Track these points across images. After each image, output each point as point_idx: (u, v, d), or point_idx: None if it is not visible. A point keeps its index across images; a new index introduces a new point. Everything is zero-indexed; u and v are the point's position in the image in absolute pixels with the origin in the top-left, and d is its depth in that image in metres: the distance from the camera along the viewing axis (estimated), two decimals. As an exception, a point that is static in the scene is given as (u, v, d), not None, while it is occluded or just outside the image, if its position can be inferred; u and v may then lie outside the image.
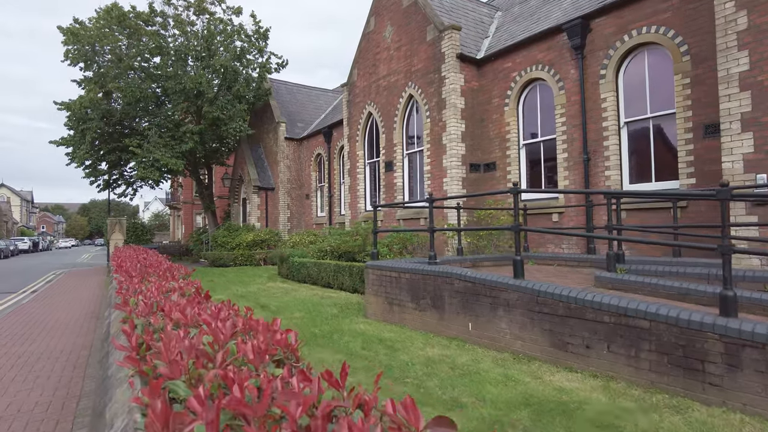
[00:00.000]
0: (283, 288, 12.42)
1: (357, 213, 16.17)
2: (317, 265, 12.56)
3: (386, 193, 14.70)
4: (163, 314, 3.01)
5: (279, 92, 24.31)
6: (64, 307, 10.86)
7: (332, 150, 20.17)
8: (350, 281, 11.04)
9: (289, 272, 14.19)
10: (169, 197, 45.29)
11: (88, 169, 21.10)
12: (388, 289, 7.61)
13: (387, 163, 14.71)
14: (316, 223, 21.48)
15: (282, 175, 22.42)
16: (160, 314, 3.01)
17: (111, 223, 20.33)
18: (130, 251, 12.97)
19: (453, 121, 12.40)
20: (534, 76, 11.62)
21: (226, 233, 21.06)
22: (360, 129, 16.16)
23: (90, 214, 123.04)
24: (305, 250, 14.59)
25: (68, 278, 18.61)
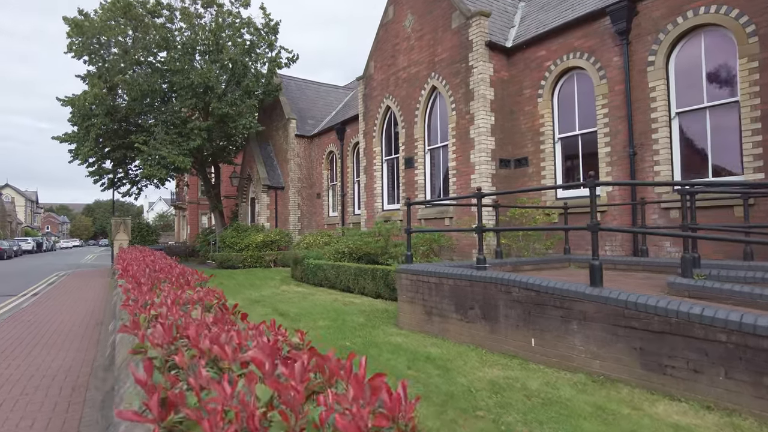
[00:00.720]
0: (299, 292, 11.59)
1: (374, 212, 15.33)
2: (335, 267, 11.73)
3: (406, 191, 13.86)
4: (188, 343, 2.18)
5: (288, 88, 23.50)
6: (65, 312, 10.06)
7: (345, 147, 19.34)
8: (373, 285, 10.20)
9: (304, 275, 13.36)
10: (174, 197, 44.59)
11: (92, 167, 20.34)
12: (427, 296, 6.76)
13: (407, 160, 13.86)
14: (327, 223, 20.65)
15: (292, 173, 21.61)
16: (183, 344, 2.17)
17: (115, 224, 19.55)
18: (135, 253, 12.18)
19: (482, 114, 11.55)
20: (571, 65, 10.76)
21: (235, 234, 20.26)
22: (377, 124, 15.32)
23: (94, 215, 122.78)
24: (320, 252, 13.76)
25: (71, 280, 17.84)
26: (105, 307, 10.63)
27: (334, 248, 12.86)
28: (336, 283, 11.71)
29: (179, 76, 19.10)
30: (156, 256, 9.72)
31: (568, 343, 4.89)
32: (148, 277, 5.14)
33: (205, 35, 19.75)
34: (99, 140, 19.41)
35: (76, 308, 10.58)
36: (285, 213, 21.95)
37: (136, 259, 8.51)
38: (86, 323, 8.76)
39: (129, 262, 7.59)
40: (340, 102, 24.79)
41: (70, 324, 8.70)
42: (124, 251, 13.67)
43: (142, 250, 13.53)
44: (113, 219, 19.94)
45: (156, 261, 8.13)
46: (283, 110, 22.28)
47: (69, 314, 9.78)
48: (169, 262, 8.11)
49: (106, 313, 9.46)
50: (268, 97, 21.60)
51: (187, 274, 5.45)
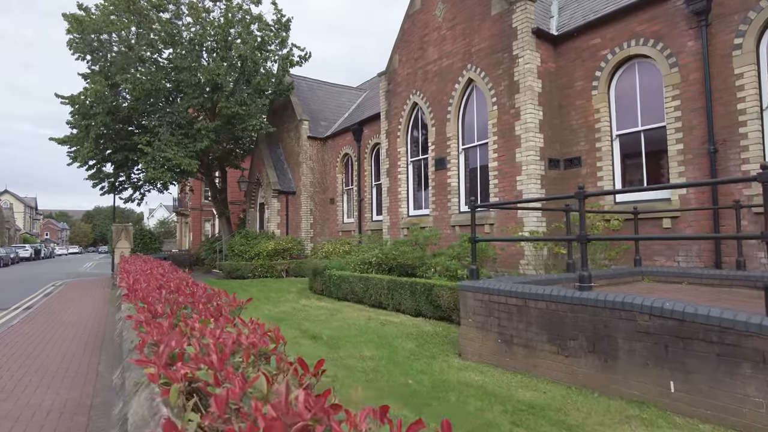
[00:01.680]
0: (323, 308, 10.29)
1: (398, 219, 14.07)
2: (363, 280, 10.44)
3: (437, 195, 12.60)
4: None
5: (299, 89, 22.31)
6: (60, 330, 8.75)
7: (362, 149, 18.11)
8: (412, 302, 8.90)
9: (325, 287, 12.07)
10: (177, 203, 43.34)
11: (92, 170, 19.10)
12: (505, 321, 5.48)
13: (438, 161, 12.62)
14: (342, 230, 19.38)
15: (304, 177, 20.36)
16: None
17: (116, 230, 18.28)
18: (139, 263, 10.91)
19: (530, 107, 10.32)
20: (632, 53, 9.53)
21: (244, 241, 18.97)
22: (402, 122, 14.09)
23: (94, 221, 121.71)
24: (342, 262, 12.47)
25: (69, 291, 16.53)
26: (105, 325, 9.33)
27: (359, 258, 11.58)
28: (364, 298, 10.42)
29: (186, 74, 17.91)
30: (165, 267, 8.44)
31: (733, 392, 3.61)
32: (164, 301, 3.87)
33: (214, 30, 18.56)
34: (99, 141, 18.16)
35: (72, 327, 9.27)
36: (296, 219, 20.68)
37: (142, 273, 7.23)
38: (83, 347, 7.46)
39: (135, 278, 6.31)
40: (353, 103, 23.60)
41: (64, 347, 7.40)
42: (127, 261, 12.39)
43: (146, 260, 12.27)
44: (114, 225, 18.65)
45: (167, 275, 6.86)
46: (295, 111, 21.08)
47: (64, 333, 8.47)
48: (182, 275, 6.85)
49: (106, 337, 8.16)
50: (279, 97, 20.40)
51: (215, 297, 4.19)
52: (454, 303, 7.98)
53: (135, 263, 10.76)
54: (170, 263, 9.41)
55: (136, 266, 9.34)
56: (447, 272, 9.08)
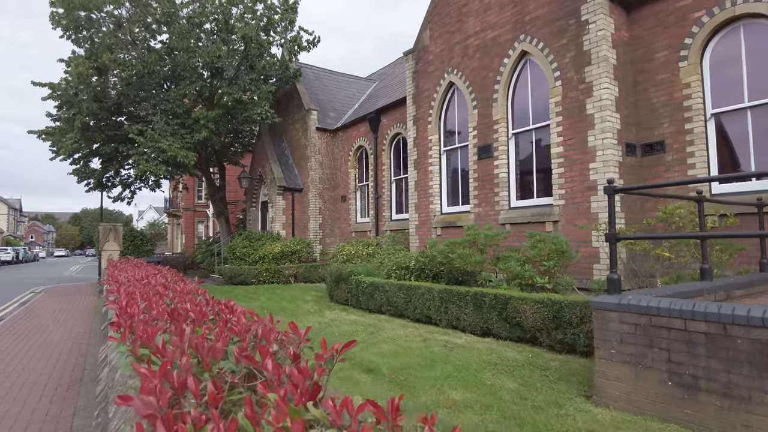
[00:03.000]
0: (357, 323, 8.46)
1: (429, 216, 12.27)
2: (405, 289, 8.62)
3: (480, 188, 10.83)
4: None
5: (305, 78, 20.45)
6: (27, 359, 6.84)
7: (380, 140, 16.30)
8: (476, 318, 7.10)
9: (351, 296, 10.24)
10: (168, 204, 41.21)
11: (77, 164, 17.11)
12: (680, 355, 3.70)
13: (481, 148, 10.85)
14: (355, 230, 17.53)
15: (313, 173, 18.51)
16: None
17: (104, 231, 16.25)
18: (131, 268, 9.01)
19: (605, 81, 8.58)
20: (739, 13, 7.83)
21: (247, 243, 17.06)
22: (434, 106, 12.31)
23: (81, 224, 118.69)
24: (369, 266, 10.65)
25: (48, 300, 14.53)
26: (87, 350, 7.42)
27: (393, 262, 9.78)
28: (405, 310, 8.60)
29: (183, 56, 16.01)
30: (165, 274, 6.57)
31: None
32: (184, 349, 2.03)
33: (214, 8, 16.67)
34: (85, 132, 16.13)
35: (44, 354, 7.35)
36: (303, 219, 18.81)
37: (137, 283, 5.36)
38: (54, 388, 5.56)
39: (128, 291, 4.44)
40: (363, 93, 21.82)
41: (33, 383, 5.50)
42: (116, 266, 10.46)
43: (138, 265, 10.36)
44: (101, 225, 16.64)
45: (171, 286, 5.01)
46: (302, 101, 19.23)
47: (34, 361, 6.56)
48: (191, 287, 5.01)
49: (87, 369, 6.26)
50: (285, 84, 18.54)
51: (272, 333, 2.36)
52: (541, 321, 6.19)
53: (126, 269, 8.86)
54: (169, 269, 7.53)
55: (128, 273, 7.46)
56: (517, 280, 7.29)
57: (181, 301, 3.78)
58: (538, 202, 9.75)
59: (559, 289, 7.21)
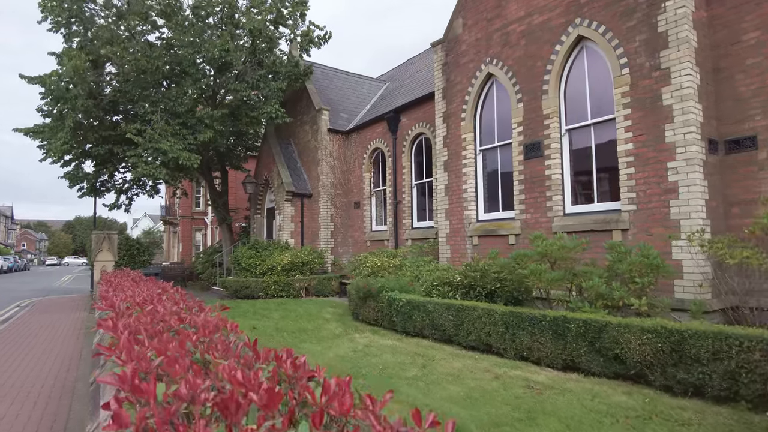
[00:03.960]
0: (397, 350, 7.12)
1: (463, 224, 10.97)
2: (454, 310, 7.30)
3: (527, 192, 9.54)
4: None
5: (314, 77, 19.13)
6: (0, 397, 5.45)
7: (400, 141, 15.02)
8: (556, 348, 5.79)
9: (382, 316, 8.90)
10: (165, 211, 39.75)
11: (68, 166, 15.72)
12: None
13: (529, 146, 9.58)
14: (370, 239, 16.19)
15: (324, 177, 17.20)
16: None
17: (97, 239, 14.83)
18: (128, 285, 7.63)
19: (686, 67, 7.34)
20: None
21: (253, 253, 15.69)
22: (469, 101, 11.06)
23: (74, 232, 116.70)
24: (402, 281, 9.32)
25: (33, 317, 13.09)
26: (73, 386, 6.04)
27: (435, 276, 8.46)
28: (455, 336, 7.27)
29: (187, 50, 14.73)
30: (175, 298, 5.21)
31: None
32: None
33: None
34: (78, 132, 14.74)
35: (18, 395, 5.96)
36: (313, 227, 17.46)
37: (137, 307, 3.99)
38: None
39: (131, 332, 3.07)
40: (374, 94, 20.59)
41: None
42: (110, 281, 9.04)
43: (137, 279, 8.99)
44: (94, 233, 15.20)
45: (191, 318, 3.66)
46: (311, 101, 17.97)
47: (4, 408, 5.18)
48: (216, 320, 3.67)
49: (73, 411, 4.89)
50: (295, 82, 17.24)
51: None
52: (653, 355, 4.89)
53: (122, 286, 7.48)
54: (174, 286, 6.17)
55: (126, 293, 6.09)
56: (602, 301, 5.98)
57: (212, 348, 2.46)
58: (601, 207, 8.47)
59: (654, 312, 5.91)
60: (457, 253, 11.05)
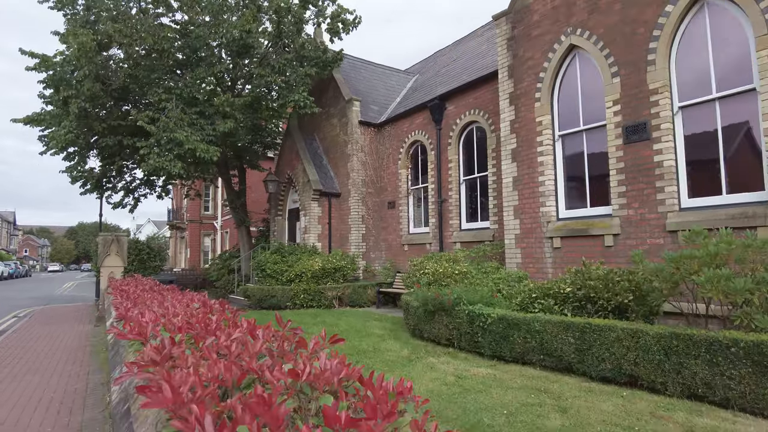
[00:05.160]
0: (504, 383, 5.42)
1: (538, 222, 9.27)
2: (576, 330, 5.59)
3: (630, 182, 7.85)
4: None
5: (341, 67, 17.58)
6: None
7: (445, 132, 13.35)
8: (757, 386, 4.08)
9: (458, 335, 7.19)
10: (172, 215, 38.14)
11: (72, 159, 14.09)
12: None
13: (630, 128, 7.90)
14: (408, 242, 14.48)
15: (355, 174, 15.54)
16: None
17: (104, 242, 13.12)
18: (148, 296, 5.98)
19: None
20: None
21: (279, 258, 14.01)
22: (544, 79, 9.41)
23: (77, 237, 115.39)
24: (481, 291, 7.62)
25: (31, 330, 11.40)
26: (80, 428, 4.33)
27: (534, 286, 6.77)
28: (578, 363, 5.57)
29: (204, 30, 13.13)
30: (210, 310, 3.55)
31: None
32: None
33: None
34: (83, 119, 13.09)
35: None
36: (342, 229, 15.79)
37: (179, 335, 2.29)
38: None
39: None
40: (403, 86, 18.99)
41: None
42: (123, 290, 7.34)
43: (154, 288, 7.34)
44: (101, 236, 13.51)
45: (299, 363, 1.93)
46: (339, 91, 16.38)
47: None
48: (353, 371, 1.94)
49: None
50: (323, 70, 15.61)
51: None
52: None
53: (142, 297, 5.78)
54: (222, 302, 4.49)
55: (152, 308, 4.40)
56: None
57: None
58: (738, 199, 6.77)
59: None
60: (531, 257, 9.35)
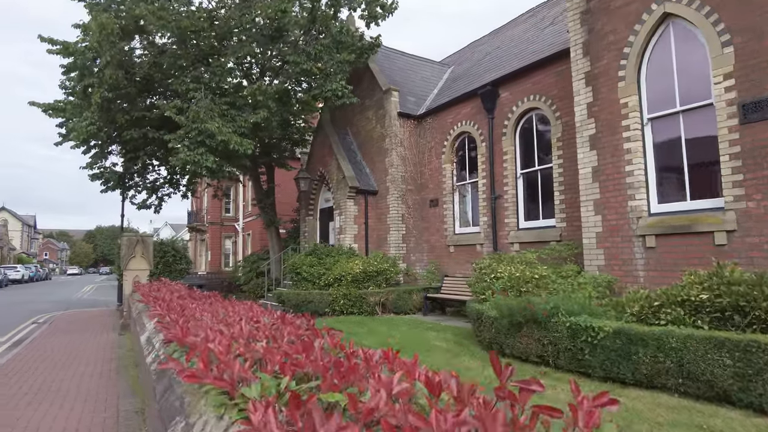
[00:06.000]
0: (651, 417, 4.21)
1: (627, 220, 8.03)
2: (736, 349, 4.37)
3: (751, 169, 6.58)
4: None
5: (374, 56, 16.50)
6: None
7: (498, 122, 12.16)
8: None
9: (555, 351, 6.00)
10: (192, 217, 37.39)
11: (92, 151, 13.15)
12: None
13: (749, 106, 6.64)
14: (454, 243, 13.30)
15: (394, 170, 14.41)
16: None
17: (129, 243, 12.11)
18: (189, 302, 4.92)
19: None
20: None
21: (315, 260, 12.94)
22: (629, 55, 8.18)
23: (95, 241, 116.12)
24: (576, 298, 6.41)
25: (52, 338, 10.44)
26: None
27: (663, 293, 5.56)
28: (740, 391, 4.36)
29: (236, 11, 12.13)
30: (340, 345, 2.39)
31: None
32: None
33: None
34: (106, 111, 12.14)
35: None
36: (380, 229, 14.66)
37: None
38: None
39: None
40: (439, 78, 17.84)
41: None
42: (157, 296, 6.25)
43: (193, 296, 6.30)
44: (125, 237, 12.52)
45: None
46: (377, 81, 15.31)
47: None
48: None
49: None
50: (359, 58, 14.52)
51: None
52: None
53: (183, 306, 4.69)
54: (309, 318, 3.35)
55: (201, 324, 3.29)
56: None
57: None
58: None
59: None
60: (617, 259, 8.12)
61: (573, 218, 10.11)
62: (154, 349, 3.29)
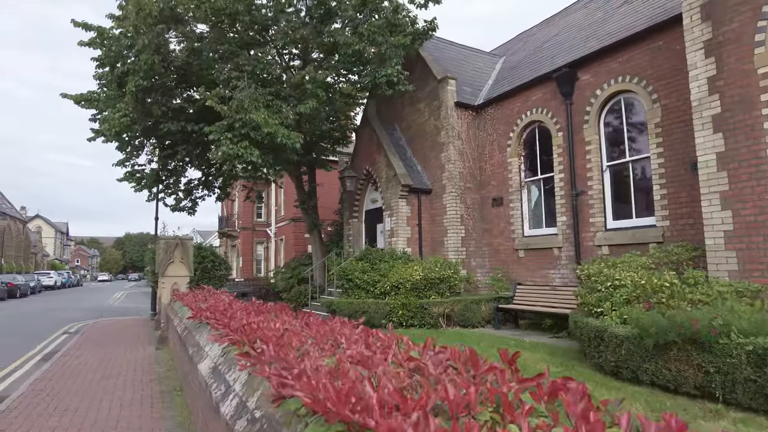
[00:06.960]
0: None
1: None
2: None
3: None
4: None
5: (424, 47, 15.23)
6: None
7: (578, 108, 10.70)
8: None
9: (727, 382, 4.55)
10: (223, 222, 36.64)
11: (126, 147, 12.16)
12: None
13: None
14: (523, 247, 11.85)
15: (451, 166, 13.05)
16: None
17: (167, 247, 10.96)
18: (251, 317, 3.62)
19: None
20: None
21: (368, 266, 11.68)
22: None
23: (124, 248, 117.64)
24: (752, 312, 4.95)
25: (83, 352, 9.37)
26: None
27: None
28: None
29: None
30: None
31: None
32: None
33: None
34: (141, 102, 11.10)
35: None
36: (436, 232, 13.31)
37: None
38: None
39: None
40: (492, 68, 16.46)
41: None
42: (217, 309, 5.01)
43: (253, 308, 5.04)
44: (163, 240, 11.40)
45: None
46: (430, 70, 14.02)
47: None
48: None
49: None
50: (413, 43, 13.23)
51: None
52: None
53: (249, 327, 3.43)
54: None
55: (299, 355, 2.01)
56: None
57: None
58: None
59: None
60: (756, 263, 6.60)
61: (678, 215, 8.63)
62: (247, 410, 1.98)
